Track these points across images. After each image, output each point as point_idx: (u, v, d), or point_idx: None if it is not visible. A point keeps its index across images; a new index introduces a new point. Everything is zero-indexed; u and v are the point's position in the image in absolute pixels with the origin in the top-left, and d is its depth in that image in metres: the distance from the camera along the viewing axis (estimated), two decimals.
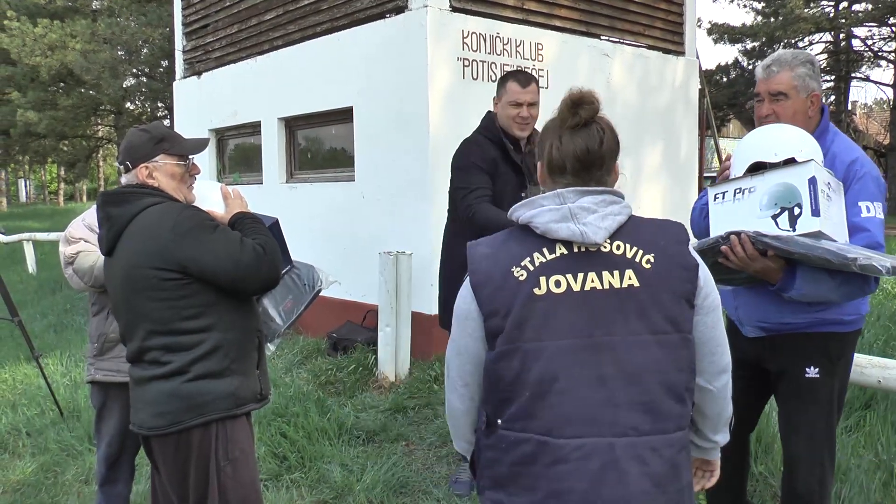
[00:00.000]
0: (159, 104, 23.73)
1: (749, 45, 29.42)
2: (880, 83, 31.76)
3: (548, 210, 1.67)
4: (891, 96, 32.03)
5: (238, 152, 9.18)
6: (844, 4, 28.28)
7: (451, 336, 1.78)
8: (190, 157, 2.51)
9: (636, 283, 1.65)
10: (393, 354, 6.06)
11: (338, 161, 7.63)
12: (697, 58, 9.36)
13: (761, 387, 2.78)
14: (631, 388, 1.62)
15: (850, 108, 33.95)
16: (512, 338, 1.64)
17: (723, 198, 2.45)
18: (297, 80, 7.61)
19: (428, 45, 6.30)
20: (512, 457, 1.66)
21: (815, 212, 2.22)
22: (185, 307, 2.28)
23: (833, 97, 32.75)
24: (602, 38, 8.03)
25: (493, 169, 3.41)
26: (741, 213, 2.37)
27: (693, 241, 2.48)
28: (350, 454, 4.56)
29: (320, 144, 8.00)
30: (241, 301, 2.41)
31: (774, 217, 2.30)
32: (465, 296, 1.72)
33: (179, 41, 9.60)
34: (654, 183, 8.62)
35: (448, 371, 1.82)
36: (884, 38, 29.51)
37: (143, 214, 2.32)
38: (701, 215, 2.75)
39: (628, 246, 1.67)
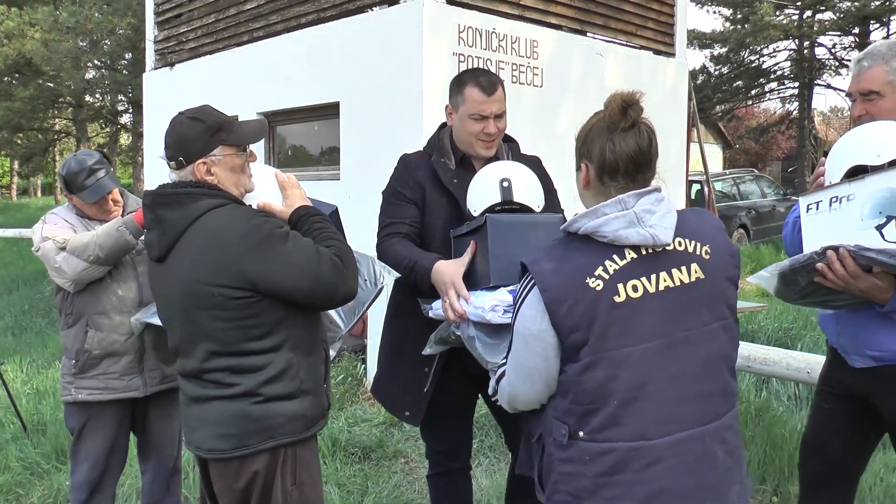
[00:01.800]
0: (121, 97, 23.00)
1: (717, 50, 29.65)
2: (839, 89, 32.19)
3: (614, 218, 1.67)
4: (849, 104, 32.52)
5: None
6: (809, 13, 28.66)
7: (515, 359, 1.77)
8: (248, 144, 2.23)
9: (702, 276, 1.72)
10: None
11: (322, 159, 7.28)
12: (686, 60, 9.21)
13: (871, 426, 2.45)
14: (710, 377, 1.71)
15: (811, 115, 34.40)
16: (597, 348, 1.64)
17: (816, 208, 2.14)
18: (278, 73, 7.23)
19: (424, 39, 5.99)
20: (596, 468, 1.66)
21: None
22: (253, 327, 2.04)
23: (797, 104, 33.23)
24: (595, 36, 7.80)
25: (420, 196, 2.67)
26: (839, 225, 2.07)
27: (773, 265, 2.19)
28: (347, 473, 4.25)
29: (303, 141, 7.64)
30: (309, 314, 2.17)
31: (879, 227, 2.00)
32: (533, 316, 1.69)
33: (151, 31, 9.14)
34: None
35: (514, 392, 1.82)
36: (845, 48, 29.96)
37: (204, 220, 2.05)
38: (794, 230, 2.41)
39: (687, 241, 1.73)
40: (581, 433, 1.68)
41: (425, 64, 6.01)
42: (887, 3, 25.12)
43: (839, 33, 28.31)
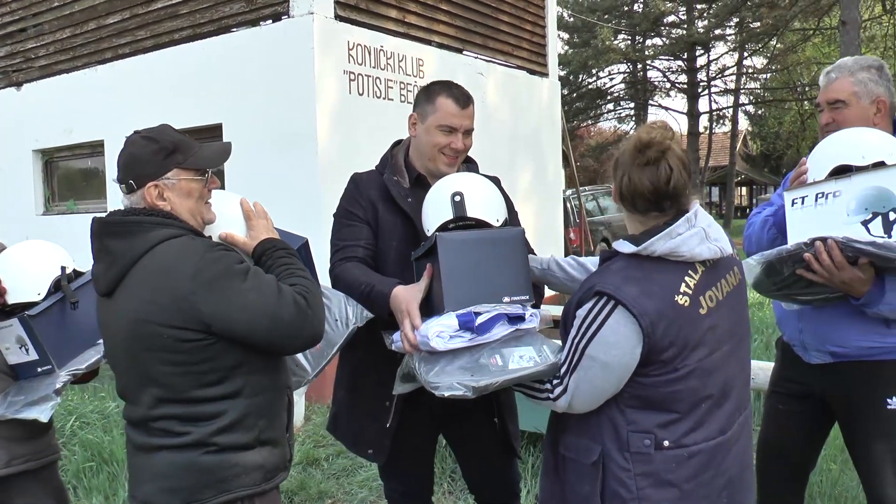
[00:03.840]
0: None
1: (560, 73, 31.04)
2: (671, 109, 34.62)
3: (689, 236, 1.73)
4: (679, 123, 35.08)
5: (73, 176, 8.01)
6: (641, 39, 30.71)
7: (589, 383, 1.75)
8: (209, 169, 2.00)
9: (740, 276, 1.89)
10: None
11: None
12: (559, 80, 9.48)
13: (823, 420, 2.55)
14: (749, 362, 1.92)
15: None
16: (691, 360, 1.71)
17: (802, 203, 2.21)
18: (150, 93, 6.72)
19: (315, 56, 5.76)
20: (684, 473, 1.71)
21: None
22: (207, 372, 1.83)
23: (633, 123, 35.37)
24: (477, 56, 7.86)
25: (373, 215, 2.50)
26: (825, 219, 2.16)
27: (759, 253, 2.23)
28: None
29: None
30: (271, 357, 1.95)
31: (865, 223, 2.10)
32: (619, 343, 1.69)
33: None
34: (526, 204, 8.52)
35: (575, 407, 1.81)
36: (674, 72, 32.29)
37: (155, 252, 1.83)
38: (764, 228, 2.47)
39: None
40: (666, 442, 1.71)
41: (317, 82, 5.78)
42: (709, 33, 27.35)
43: (670, 58, 30.47)
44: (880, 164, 2.12)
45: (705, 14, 28.48)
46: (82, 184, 7.90)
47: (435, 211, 2.28)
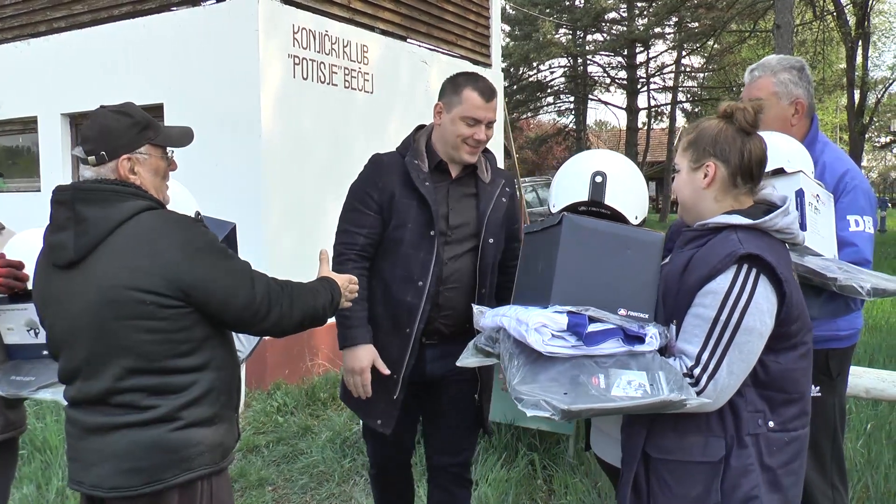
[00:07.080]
0: None
1: (502, 65, 31.21)
2: (610, 104, 35.26)
3: (794, 219, 1.77)
4: (618, 118, 35.67)
5: (2, 153, 7.71)
6: (581, 34, 31.12)
7: (744, 359, 1.65)
8: (171, 149, 2.04)
9: None
10: None
11: None
12: (501, 72, 9.55)
13: None
14: None
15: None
16: (808, 339, 1.74)
17: None
18: (87, 69, 6.53)
19: (260, 38, 5.69)
20: (780, 458, 1.69)
21: (802, 226, 2.08)
22: (182, 341, 1.85)
23: (573, 117, 35.86)
24: (421, 45, 7.87)
25: (388, 200, 2.58)
26: None
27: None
28: None
29: None
30: (227, 334, 2.02)
31: None
32: (771, 310, 1.66)
33: None
34: None
35: (724, 395, 1.66)
36: (614, 68, 32.85)
37: (136, 221, 1.84)
38: None
39: None
40: (772, 423, 1.69)
41: (262, 65, 5.71)
42: (649, 31, 27.92)
43: (611, 54, 30.98)
44: (779, 171, 2.13)
45: (645, 12, 29.08)
46: (13, 161, 7.63)
47: (568, 185, 2.07)
